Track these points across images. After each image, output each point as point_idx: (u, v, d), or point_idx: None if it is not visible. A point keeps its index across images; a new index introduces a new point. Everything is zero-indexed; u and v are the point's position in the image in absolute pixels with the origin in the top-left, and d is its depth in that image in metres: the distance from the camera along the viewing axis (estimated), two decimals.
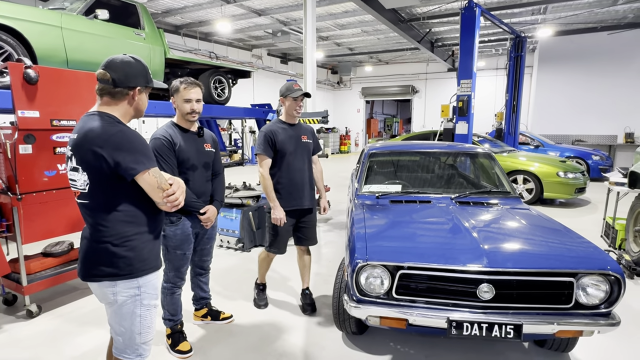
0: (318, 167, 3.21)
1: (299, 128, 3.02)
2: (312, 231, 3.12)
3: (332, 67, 19.88)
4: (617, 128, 12.29)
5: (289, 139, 2.93)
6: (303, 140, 2.99)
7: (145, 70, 1.61)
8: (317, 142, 3.17)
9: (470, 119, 6.94)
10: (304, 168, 2.99)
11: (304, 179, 2.99)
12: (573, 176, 6.91)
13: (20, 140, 2.84)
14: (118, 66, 1.53)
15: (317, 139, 3.18)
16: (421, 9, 10.26)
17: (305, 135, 3.02)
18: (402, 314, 2.09)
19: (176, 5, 10.11)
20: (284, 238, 3.00)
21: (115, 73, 1.53)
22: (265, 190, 2.88)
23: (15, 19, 3.59)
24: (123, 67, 1.54)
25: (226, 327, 2.92)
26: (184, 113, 2.43)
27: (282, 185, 2.93)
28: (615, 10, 10.42)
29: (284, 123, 2.98)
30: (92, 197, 1.53)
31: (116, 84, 1.53)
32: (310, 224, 3.09)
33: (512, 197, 3.21)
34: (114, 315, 1.62)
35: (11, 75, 2.78)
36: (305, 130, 3.06)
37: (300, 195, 2.97)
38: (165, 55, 5.13)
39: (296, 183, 2.95)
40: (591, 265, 2.05)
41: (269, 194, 2.87)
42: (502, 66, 14.22)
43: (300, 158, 2.97)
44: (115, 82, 1.53)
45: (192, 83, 2.42)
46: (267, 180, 2.86)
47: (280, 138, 2.90)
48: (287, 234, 3.02)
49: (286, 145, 2.91)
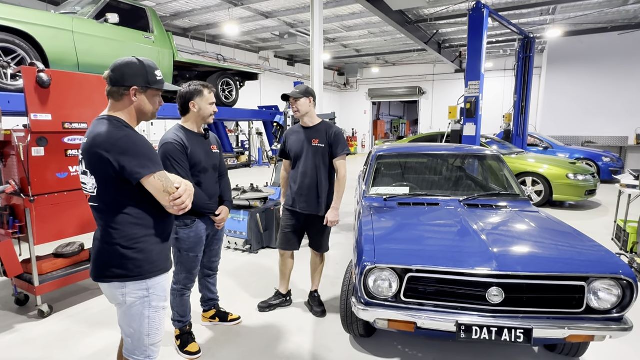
0: (338, 174, 2.91)
1: (313, 131, 2.94)
2: (320, 238, 3.05)
3: (339, 69, 19.89)
4: (628, 129, 12.11)
5: (298, 142, 2.96)
6: (313, 144, 2.91)
7: (144, 70, 1.60)
8: (337, 145, 2.89)
9: (478, 121, 6.90)
10: (309, 172, 2.91)
11: (310, 184, 2.91)
12: (583, 178, 6.82)
13: (33, 142, 2.89)
14: (118, 67, 1.57)
15: (339, 141, 2.90)
16: (428, 11, 10.22)
17: (317, 139, 2.90)
18: (411, 317, 2.08)
19: (185, 9, 10.21)
20: (287, 236, 3.05)
21: (113, 73, 1.57)
22: (282, 188, 3.24)
23: (28, 23, 3.65)
24: (121, 68, 1.57)
25: (234, 329, 2.93)
26: (207, 115, 2.48)
27: (291, 186, 3.04)
28: (625, 10, 10.28)
29: (300, 126, 3.02)
30: (101, 200, 1.56)
31: (113, 83, 1.57)
32: (314, 231, 3.04)
33: (521, 199, 3.18)
34: (123, 316, 1.64)
35: (24, 79, 2.83)
36: (320, 133, 2.92)
37: (305, 200, 2.94)
38: (174, 58, 5.17)
39: (301, 187, 2.95)
40: (603, 270, 2.02)
41: (282, 190, 3.23)
42: (510, 67, 14.11)
43: (306, 162, 2.92)
44: (111, 81, 1.57)
45: (211, 87, 2.49)
46: (282, 180, 3.22)
47: (290, 141, 3.00)
48: (292, 233, 3.04)
49: (293, 148, 2.99)
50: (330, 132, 2.91)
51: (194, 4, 9.84)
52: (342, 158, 2.90)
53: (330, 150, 2.92)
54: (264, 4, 9.79)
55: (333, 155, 2.92)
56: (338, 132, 2.94)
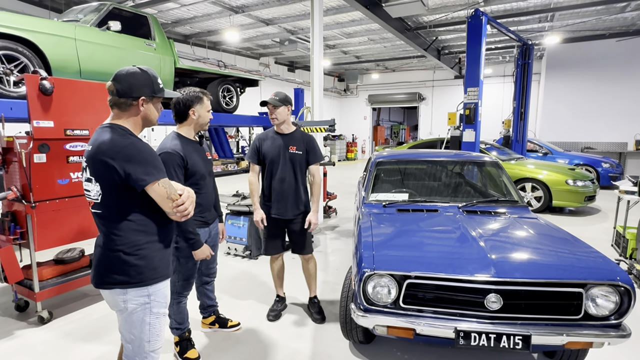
0: (315, 179, 3.05)
1: (290, 138, 2.99)
2: (301, 240, 3.09)
3: (339, 75, 19.99)
4: (627, 135, 12.15)
5: (274, 148, 2.97)
6: (290, 151, 2.96)
7: (150, 80, 1.63)
8: (314, 152, 3.03)
9: (477, 127, 6.93)
10: (287, 178, 2.96)
11: (287, 190, 2.97)
12: (582, 184, 6.84)
13: (35, 149, 2.91)
14: (123, 77, 1.58)
15: (314, 149, 3.04)
16: (427, 18, 10.31)
17: (294, 146, 2.96)
18: (410, 324, 2.09)
19: (186, 16, 10.29)
20: (270, 241, 3.11)
21: (119, 84, 1.58)
22: (250, 194, 3.08)
23: (31, 31, 3.69)
24: (127, 78, 1.58)
25: (234, 335, 2.94)
26: (205, 123, 2.50)
27: (265, 193, 3.06)
28: (623, 17, 10.37)
29: (275, 132, 3.04)
30: (104, 207, 1.57)
31: (120, 95, 1.58)
32: (296, 234, 3.07)
33: (519, 206, 3.20)
34: (124, 322, 1.65)
35: (27, 87, 2.86)
36: (297, 140, 2.99)
37: (282, 205, 2.99)
38: (175, 65, 5.22)
39: (277, 193, 2.98)
40: (600, 276, 2.04)
41: (252, 198, 3.06)
42: (509, 73, 14.18)
43: (284, 168, 2.96)
44: (119, 93, 1.58)
45: (209, 94, 2.51)
46: (251, 185, 3.08)
47: (265, 147, 3.00)
48: (275, 238, 3.10)
49: (269, 154, 2.98)
50: (307, 140, 3.04)
51: (195, 11, 9.92)
52: (317, 164, 3.07)
53: (307, 157, 3.03)
54: (264, 11, 9.88)
55: (309, 162, 3.05)
56: (313, 140, 3.10)
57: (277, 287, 3.30)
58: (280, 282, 3.29)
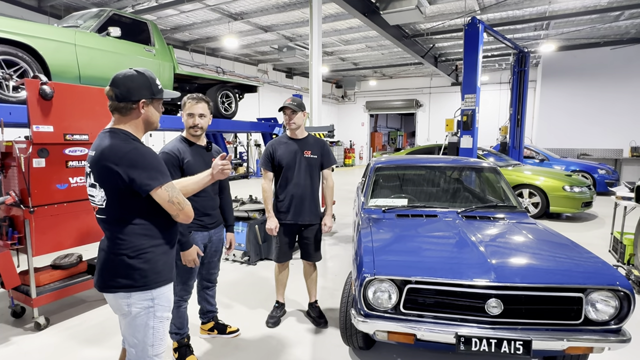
0: (328, 183, 3.13)
1: (304, 143, 3.02)
2: (313, 247, 3.08)
3: (337, 81, 20.11)
4: (622, 142, 12.26)
5: (289, 153, 2.97)
6: (305, 156, 2.98)
7: (148, 82, 1.61)
8: (328, 156, 3.09)
9: (474, 133, 6.97)
10: (304, 183, 2.97)
11: (303, 194, 2.97)
12: (579, 190, 6.88)
13: (34, 154, 2.90)
14: (120, 81, 1.57)
15: (328, 153, 3.10)
16: (425, 25, 10.42)
17: (309, 150, 2.99)
18: (410, 329, 2.08)
19: (185, 22, 10.35)
20: (282, 249, 3.07)
21: (117, 89, 1.57)
22: (264, 202, 3.04)
23: (31, 36, 3.70)
24: (125, 82, 1.57)
25: (232, 341, 2.91)
26: (187, 127, 2.50)
27: (281, 199, 3.02)
28: (617, 25, 10.52)
29: (289, 138, 3.04)
30: (109, 212, 1.57)
31: (119, 99, 1.57)
32: (310, 240, 3.06)
33: (518, 211, 3.21)
34: (127, 326, 1.64)
35: (28, 91, 2.86)
36: (311, 145, 3.03)
37: (299, 211, 2.98)
38: (175, 71, 5.24)
39: (294, 198, 2.97)
40: (600, 281, 2.04)
41: (265, 205, 3.03)
42: (505, 80, 14.36)
43: (300, 173, 2.97)
44: (118, 97, 1.57)
45: (198, 98, 2.48)
46: (264, 192, 3.04)
47: (279, 153, 2.99)
48: (287, 245, 3.07)
49: (284, 159, 2.97)
50: (321, 145, 3.09)
51: (194, 17, 9.98)
52: (330, 168, 3.11)
53: (322, 161, 3.07)
54: (263, 18, 9.95)
55: (323, 166, 3.09)
56: (327, 144, 3.15)
57: (279, 293, 3.27)
58: (284, 289, 3.27)
